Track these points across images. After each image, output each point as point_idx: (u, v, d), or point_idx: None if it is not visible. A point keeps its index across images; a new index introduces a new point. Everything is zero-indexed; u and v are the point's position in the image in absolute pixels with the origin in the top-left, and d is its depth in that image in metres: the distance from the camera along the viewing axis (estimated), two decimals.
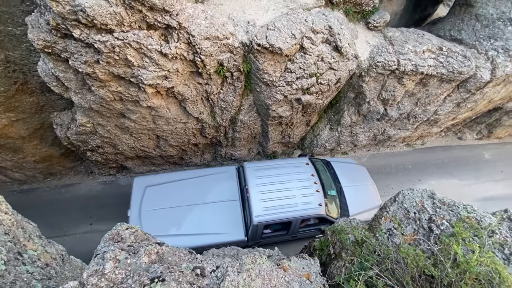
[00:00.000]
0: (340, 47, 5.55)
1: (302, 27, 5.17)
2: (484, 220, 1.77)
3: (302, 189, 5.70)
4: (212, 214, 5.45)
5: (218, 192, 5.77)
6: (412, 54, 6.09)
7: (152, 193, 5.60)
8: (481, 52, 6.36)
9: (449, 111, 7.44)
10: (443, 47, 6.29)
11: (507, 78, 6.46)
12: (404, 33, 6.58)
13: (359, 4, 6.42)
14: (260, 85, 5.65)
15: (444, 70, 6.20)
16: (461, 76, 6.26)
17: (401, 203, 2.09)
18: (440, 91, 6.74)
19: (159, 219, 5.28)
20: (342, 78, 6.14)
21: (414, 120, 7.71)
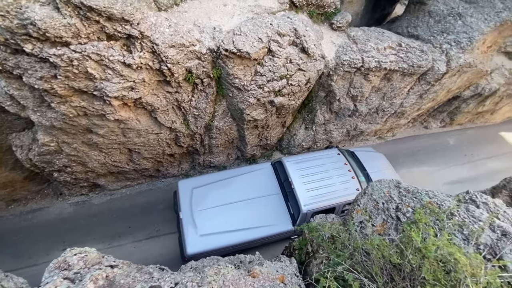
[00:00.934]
0: (307, 49, 5.69)
1: (268, 30, 5.25)
2: (444, 204, 1.88)
3: (340, 177, 6.17)
4: (258, 208, 5.75)
5: (259, 187, 6.12)
6: (374, 51, 6.39)
7: (200, 194, 5.87)
8: (436, 46, 6.82)
9: (413, 102, 7.88)
10: (402, 43, 6.66)
11: (461, 69, 6.98)
12: (366, 32, 6.89)
13: (321, 6, 6.65)
14: (232, 90, 5.64)
15: (405, 65, 6.57)
16: (421, 69, 6.67)
17: (371, 195, 2.17)
18: (403, 84, 7.13)
19: (211, 217, 5.54)
20: (312, 78, 6.29)
21: (382, 114, 8.07)
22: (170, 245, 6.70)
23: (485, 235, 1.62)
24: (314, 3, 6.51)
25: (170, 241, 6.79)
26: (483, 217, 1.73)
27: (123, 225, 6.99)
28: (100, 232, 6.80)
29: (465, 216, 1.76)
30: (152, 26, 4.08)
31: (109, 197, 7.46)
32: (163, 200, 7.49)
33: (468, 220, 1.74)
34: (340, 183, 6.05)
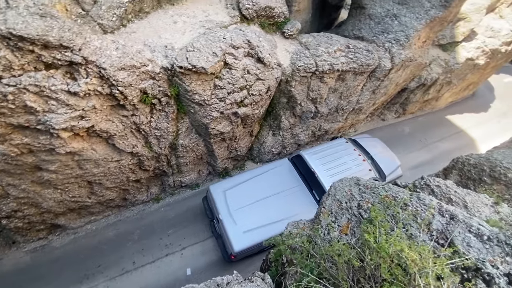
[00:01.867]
0: (262, 58, 5.83)
1: (222, 44, 5.28)
2: (399, 196, 2.00)
3: (353, 161, 7.03)
4: (287, 201, 6.22)
5: (283, 182, 6.64)
6: (326, 55, 6.75)
7: (232, 194, 6.27)
8: (380, 45, 7.41)
9: (368, 98, 8.42)
10: (350, 45, 7.13)
11: (404, 63, 7.64)
12: (316, 37, 7.27)
13: (271, 17, 6.89)
14: (193, 106, 5.53)
15: (355, 65, 7.02)
16: (369, 67, 7.17)
17: (334, 196, 2.23)
18: (357, 83, 7.60)
19: (247, 214, 5.94)
20: (271, 86, 6.44)
21: (342, 112, 8.50)
22: (149, 277, 6.28)
23: (436, 221, 1.74)
24: (264, 15, 6.73)
25: (149, 272, 6.36)
26: (433, 204, 1.86)
27: (92, 264, 6.40)
28: (66, 278, 6.15)
29: (417, 205, 1.88)
30: (97, 50, 3.87)
31: (73, 237, 6.80)
32: (136, 229, 7.03)
33: (420, 209, 1.86)
34: (354, 166, 6.92)
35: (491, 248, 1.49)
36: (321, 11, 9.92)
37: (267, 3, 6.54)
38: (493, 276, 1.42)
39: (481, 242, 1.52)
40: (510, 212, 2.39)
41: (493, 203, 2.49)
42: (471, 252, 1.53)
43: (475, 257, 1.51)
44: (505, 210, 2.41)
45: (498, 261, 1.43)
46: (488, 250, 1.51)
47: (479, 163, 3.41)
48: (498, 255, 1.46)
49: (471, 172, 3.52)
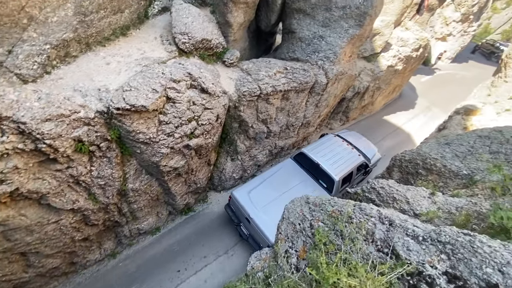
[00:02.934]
0: (206, 88, 5.87)
1: (161, 80, 5.19)
2: (343, 209, 2.08)
3: (344, 150, 8.40)
4: (300, 192, 7.43)
5: (292, 178, 7.55)
6: (267, 78, 7.11)
7: (255, 195, 6.94)
8: (313, 63, 8.11)
9: (313, 112, 9.00)
10: (287, 67, 7.65)
11: (337, 77, 8.44)
12: (256, 63, 7.66)
13: (210, 48, 7.09)
14: (138, 146, 5.22)
15: (295, 84, 7.51)
16: (308, 84, 7.74)
17: (288, 219, 2.22)
18: (300, 99, 8.10)
19: (272, 210, 6.46)
20: (220, 113, 6.47)
21: (293, 128, 8.90)
22: None
23: (378, 230, 1.83)
24: (202, 47, 6.89)
25: None
26: (373, 212, 1.96)
27: None
28: None
29: (360, 216, 1.97)
30: (13, 104, 3.46)
31: None
32: None
33: (363, 220, 1.94)
34: (346, 154, 8.25)
35: (428, 248, 1.59)
36: (257, 38, 10.57)
37: (203, 36, 6.74)
38: (433, 278, 1.51)
39: (418, 243, 1.63)
40: (444, 200, 2.68)
41: (429, 194, 2.77)
42: (412, 256, 1.62)
43: (416, 260, 1.60)
44: (440, 199, 2.69)
45: (436, 261, 1.54)
46: (426, 251, 1.61)
47: (413, 158, 3.83)
48: (434, 254, 1.56)
49: (408, 168, 3.91)
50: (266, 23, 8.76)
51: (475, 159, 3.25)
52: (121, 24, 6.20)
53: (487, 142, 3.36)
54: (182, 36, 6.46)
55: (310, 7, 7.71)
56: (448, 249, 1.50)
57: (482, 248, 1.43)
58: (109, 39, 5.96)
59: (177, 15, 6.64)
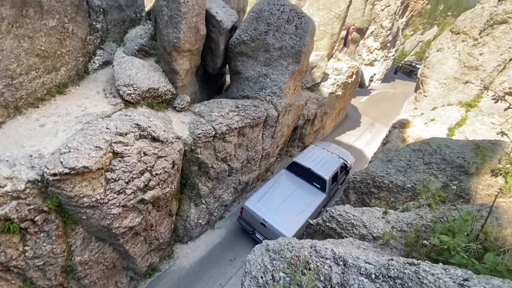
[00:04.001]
0: (158, 137, 5.69)
1: (105, 135, 4.90)
2: (301, 254, 2.03)
3: (327, 155, 10.04)
4: (300, 195, 8.35)
5: (290, 184, 8.71)
6: (220, 118, 7.23)
7: (264, 202, 7.96)
8: (262, 99, 8.55)
9: (270, 143, 9.27)
10: (239, 105, 7.93)
11: (286, 109, 8.98)
12: (207, 105, 7.80)
13: (158, 96, 7.06)
14: (84, 212, 4.66)
15: (248, 120, 7.75)
16: (260, 119, 8.05)
17: (250, 273, 2.08)
18: (256, 134, 8.32)
19: (282, 211, 7.68)
20: (176, 159, 6.25)
21: (254, 161, 8.97)
22: None
23: (334, 273, 1.81)
24: (149, 96, 6.83)
25: None
26: (328, 253, 1.95)
27: None
28: None
29: (316, 260, 1.93)
30: None
31: None
32: None
33: (319, 264, 1.91)
34: (330, 158, 9.84)
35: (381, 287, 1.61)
36: (207, 80, 10.92)
37: (149, 85, 6.72)
38: None
39: (372, 282, 1.63)
40: (396, 218, 2.84)
41: (383, 213, 2.92)
42: None
43: None
44: (393, 217, 2.85)
45: None
46: None
47: (364, 178, 4.09)
48: None
49: (361, 188, 4.14)
50: (213, 67, 9.16)
51: (414, 172, 3.60)
52: (57, 83, 5.89)
53: (420, 154, 3.79)
54: (126, 88, 6.35)
55: (251, 50, 8.34)
56: (398, 284, 1.52)
57: (426, 278, 1.49)
58: (44, 99, 5.57)
59: (120, 68, 6.59)
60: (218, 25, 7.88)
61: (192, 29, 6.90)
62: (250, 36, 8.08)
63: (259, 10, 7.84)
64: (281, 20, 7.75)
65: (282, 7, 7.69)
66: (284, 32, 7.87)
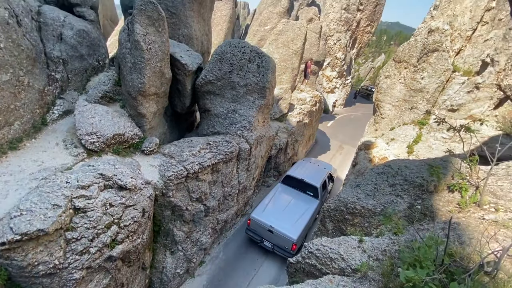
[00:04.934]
0: (125, 185, 5.39)
1: (65, 191, 4.54)
2: None
3: (315, 168, 11.31)
4: (297, 202, 9.49)
5: (287, 195, 9.80)
6: (192, 157, 7.11)
7: (268, 212, 9.09)
8: (233, 134, 8.66)
9: (246, 176, 9.21)
10: (210, 142, 7.92)
11: (258, 141, 9.15)
12: (178, 145, 7.68)
13: (124, 142, 6.83)
14: (40, 281, 4.08)
15: (221, 156, 7.71)
16: (233, 153, 8.07)
17: None
18: (230, 168, 8.25)
19: (285, 217, 8.85)
20: (146, 207, 5.90)
21: (231, 197, 8.77)
22: None
23: None
24: (115, 142, 6.59)
25: None
26: None
27: None
28: None
29: None
30: None
31: None
32: None
33: None
34: (317, 170, 11.13)
35: None
36: (177, 119, 10.89)
37: (114, 132, 6.52)
38: None
39: None
40: (371, 245, 2.88)
41: (358, 242, 2.95)
42: None
43: None
44: (368, 245, 2.88)
45: None
46: None
47: (337, 206, 4.16)
48: None
49: (336, 216, 4.19)
50: (181, 106, 9.23)
51: (382, 194, 3.77)
52: (9, 139, 5.48)
53: (384, 177, 4.01)
54: (89, 137, 6.09)
55: (218, 89, 8.62)
56: None
57: None
58: None
59: (82, 117, 6.36)
60: (183, 68, 8.12)
61: (157, 73, 7.02)
62: (216, 76, 8.40)
63: (222, 53, 8.28)
64: (243, 60, 8.22)
65: (243, 48, 8.22)
66: (247, 70, 8.31)
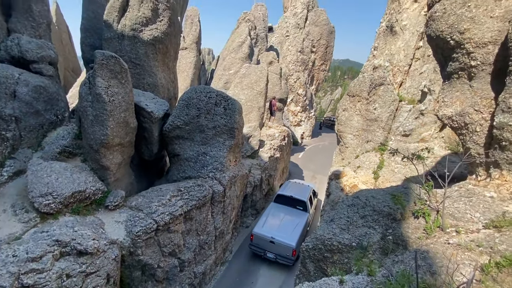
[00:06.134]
0: (85, 249, 4.84)
1: (10, 267, 3.94)
2: None
3: (300, 186, 13.09)
4: (290, 215, 10.93)
5: (281, 211, 11.17)
6: (161, 207, 6.72)
7: (267, 226, 10.18)
8: (205, 176, 8.48)
9: (222, 220, 8.83)
10: (181, 188, 7.62)
11: (231, 181, 9.02)
12: (146, 195, 7.25)
13: (85, 199, 6.30)
14: None
15: (193, 202, 7.40)
16: (206, 197, 7.80)
17: None
18: (204, 214, 7.89)
19: (283, 229, 10.01)
20: (111, 270, 5.28)
21: (208, 245, 8.23)
22: None
23: None
24: (74, 201, 6.05)
25: None
26: None
27: None
28: None
29: None
30: None
31: None
32: None
33: None
34: (303, 188, 12.76)
35: None
36: (145, 167, 10.44)
37: (74, 189, 6.02)
38: None
39: None
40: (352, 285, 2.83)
41: (339, 283, 2.88)
42: None
43: None
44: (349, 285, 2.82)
45: None
46: None
47: (315, 245, 4.11)
48: None
49: (316, 255, 4.11)
50: (149, 154, 8.95)
51: (355, 227, 3.83)
52: None
53: (355, 209, 4.13)
54: (43, 198, 5.53)
55: (187, 133, 8.61)
56: None
57: None
58: None
59: (35, 177, 5.83)
60: (149, 116, 8.07)
61: (121, 123, 6.86)
62: (183, 120, 8.44)
63: (188, 98, 8.47)
64: (209, 104, 8.46)
65: (208, 93, 8.51)
66: (214, 113, 8.51)
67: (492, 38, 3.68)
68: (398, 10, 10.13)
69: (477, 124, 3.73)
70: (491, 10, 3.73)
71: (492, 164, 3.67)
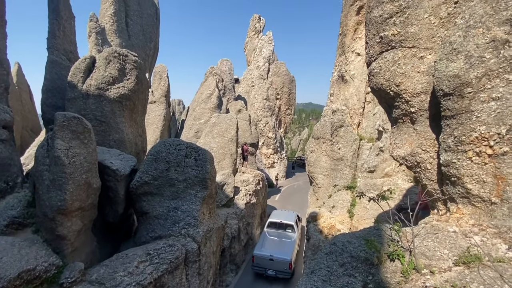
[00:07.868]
0: None
1: None
2: None
3: (287, 213, 15.46)
4: (283, 236, 13.14)
5: (275, 233, 13.39)
6: (127, 277, 5.98)
7: (266, 246, 12.23)
8: (177, 234, 7.89)
9: (198, 282, 8.01)
10: (150, 251, 6.94)
11: (206, 236, 8.48)
12: (109, 264, 6.45)
13: (35, 279, 5.42)
14: None
15: (165, 265, 6.71)
16: (179, 258, 7.15)
17: None
18: (178, 278, 7.13)
19: (279, 247, 12.14)
20: None
21: None
22: None
23: None
24: (20, 283, 5.16)
25: None
26: None
27: None
28: None
29: None
30: None
31: None
32: None
33: None
34: (289, 214, 15.01)
35: None
36: (109, 230, 9.49)
37: (21, 268, 5.18)
38: None
39: None
40: None
41: None
42: None
43: None
44: None
45: None
46: None
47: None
48: None
49: None
50: (114, 215, 8.26)
51: (336, 277, 3.72)
52: None
53: (333, 257, 4.06)
54: None
55: (156, 188, 8.22)
56: None
57: None
58: None
59: None
60: (114, 174, 7.68)
61: (81, 186, 6.39)
62: (152, 175, 8.12)
63: (156, 152, 8.31)
64: (179, 156, 8.35)
65: (178, 146, 8.46)
66: (185, 165, 8.36)
67: (423, 88, 4.35)
68: (346, 62, 11.63)
69: (427, 162, 4.14)
70: (417, 66, 4.47)
71: (448, 199, 3.99)
